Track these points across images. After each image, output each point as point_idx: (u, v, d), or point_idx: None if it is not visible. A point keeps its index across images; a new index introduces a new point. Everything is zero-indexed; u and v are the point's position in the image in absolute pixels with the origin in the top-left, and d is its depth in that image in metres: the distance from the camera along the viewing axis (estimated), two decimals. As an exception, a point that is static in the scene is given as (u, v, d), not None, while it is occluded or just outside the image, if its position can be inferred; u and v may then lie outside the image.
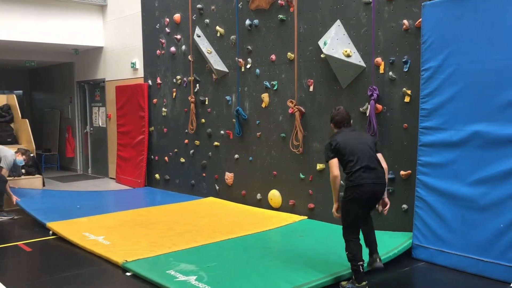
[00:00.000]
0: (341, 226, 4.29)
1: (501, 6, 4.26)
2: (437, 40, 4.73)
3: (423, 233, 4.82)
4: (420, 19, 4.93)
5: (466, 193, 4.50)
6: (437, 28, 4.72)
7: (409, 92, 5.17)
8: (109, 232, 5.81)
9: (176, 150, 8.60)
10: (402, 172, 5.28)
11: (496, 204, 4.27)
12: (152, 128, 9.19)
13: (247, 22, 6.97)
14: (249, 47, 7.02)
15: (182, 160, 8.46)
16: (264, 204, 6.97)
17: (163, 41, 8.71)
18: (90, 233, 5.78)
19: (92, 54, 11.00)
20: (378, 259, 4.21)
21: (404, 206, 5.27)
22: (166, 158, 8.87)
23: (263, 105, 6.89)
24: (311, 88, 6.23)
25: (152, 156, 9.24)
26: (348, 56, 5.59)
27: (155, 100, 9.05)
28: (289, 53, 6.44)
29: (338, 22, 5.80)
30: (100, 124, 11.22)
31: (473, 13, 4.45)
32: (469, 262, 4.43)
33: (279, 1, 6.52)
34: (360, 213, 4.14)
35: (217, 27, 7.50)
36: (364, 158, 4.09)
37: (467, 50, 4.51)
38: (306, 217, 6.34)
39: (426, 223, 4.80)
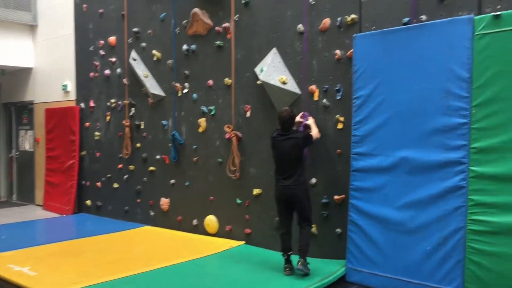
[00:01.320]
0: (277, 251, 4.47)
1: (424, 39, 4.55)
2: (368, 70, 4.96)
3: (356, 256, 4.94)
4: (352, 50, 5.17)
5: (396, 217, 4.68)
6: (368, 59, 4.96)
7: (342, 119, 5.36)
8: (35, 263, 5.48)
9: (109, 175, 8.33)
10: (335, 197, 5.42)
11: (423, 227, 4.48)
12: (84, 153, 8.86)
13: (184, 47, 6.98)
14: (186, 71, 7.01)
15: (116, 185, 8.20)
16: (200, 230, 6.88)
17: (97, 63, 8.50)
18: (15, 264, 5.42)
19: (21, 75, 10.52)
20: (299, 262, 4.87)
21: (338, 230, 5.39)
22: (98, 183, 8.56)
23: (200, 130, 6.87)
24: (248, 114, 6.30)
25: (83, 182, 8.89)
26: (284, 83, 5.72)
27: (87, 124, 8.76)
28: (226, 79, 6.49)
29: (274, 50, 5.94)
30: (27, 148, 10.67)
31: (401, 45, 4.72)
32: (399, 284, 4.59)
33: (216, 28, 6.59)
34: (283, 211, 5.09)
35: (154, 51, 7.44)
36: (282, 168, 5.00)
37: (395, 80, 4.76)
38: (243, 242, 6.31)
39: (359, 247, 4.93)
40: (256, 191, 6.20)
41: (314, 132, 5.19)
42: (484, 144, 4.17)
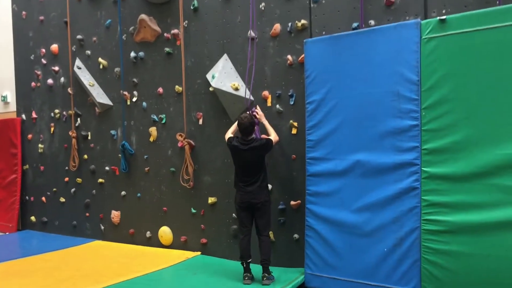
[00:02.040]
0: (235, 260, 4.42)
1: (373, 44, 4.62)
2: (320, 74, 4.97)
3: (314, 262, 4.92)
4: (303, 55, 5.17)
5: (352, 220, 4.70)
6: (319, 64, 4.98)
7: (295, 124, 5.35)
8: (-25, 287, 5.10)
9: (55, 189, 7.95)
10: (292, 202, 5.39)
11: (379, 230, 4.52)
12: (27, 166, 8.42)
13: (132, 54, 6.78)
14: (134, 79, 6.80)
15: (62, 199, 7.83)
16: (154, 242, 6.67)
17: (38, 72, 8.11)
18: (-49, 290, 5.03)
19: (-46, 86, 9.87)
20: (264, 278, 4.87)
21: (296, 235, 5.37)
22: (43, 198, 8.15)
23: (151, 139, 6.68)
24: (201, 121, 6.18)
25: (27, 197, 8.43)
26: (236, 89, 5.65)
27: (30, 136, 8.33)
28: (177, 86, 6.35)
29: (225, 56, 5.87)
30: (-36, 164, 10.00)
31: (351, 50, 4.76)
32: (358, 287, 4.60)
33: (165, 34, 6.44)
34: (244, 218, 5.02)
35: (100, 59, 7.18)
36: (244, 175, 5.00)
37: (346, 84, 4.80)
38: (199, 252, 6.17)
39: (317, 252, 4.91)
40: (211, 199, 6.08)
41: (273, 136, 5.15)
42: (434, 145, 4.26)
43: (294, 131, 5.38)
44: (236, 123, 5.11)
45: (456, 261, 4.13)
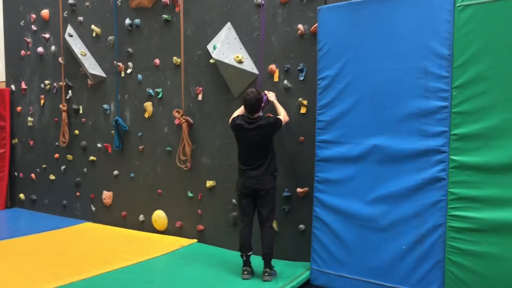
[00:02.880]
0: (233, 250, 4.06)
1: (400, 12, 4.02)
2: (334, 47, 4.39)
3: (322, 257, 4.41)
4: (316, 24, 4.58)
5: (366, 212, 4.17)
6: (334, 34, 4.39)
7: (305, 102, 4.79)
8: None
9: (44, 166, 7.45)
10: (298, 190, 4.86)
11: (397, 224, 3.99)
12: (16, 141, 7.91)
13: (127, 21, 6.18)
14: (129, 49, 6.22)
15: (52, 177, 7.34)
16: (147, 227, 6.18)
17: (28, 40, 7.53)
18: None
19: None
20: (265, 274, 4.36)
21: (301, 226, 4.85)
22: (32, 175, 7.66)
23: (146, 115, 6.13)
24: (200, 97, 5.62)
25: (16, 173, 7.95)
26: (240, 62, 5.07)
27: (19, 108, 7.80)
28: (175, 58, 5.77)
29: (228, 24, 5.28)
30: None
31: (372, 19, 4.16)
32: (370, 287, 4.10)
33: (163, 0, 5.84)
34: (246, 206, 4.51)
35: (93, 26, 6.59)
36: (249, 157, 4.47)
37: (365, 58, 4.21)
38: (195, 240, 5.68)
39: (325, 245, 4.40)
40: (209, 183, 5.56)
41: (282, 115, 4.59)
42: (466, 130, 3.69)
43: (303, 110, 4.82)
44: (243, 102, 4.53)
45: (485, 264, 3.59)
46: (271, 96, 4.81)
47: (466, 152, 3.68)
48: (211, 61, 5.29)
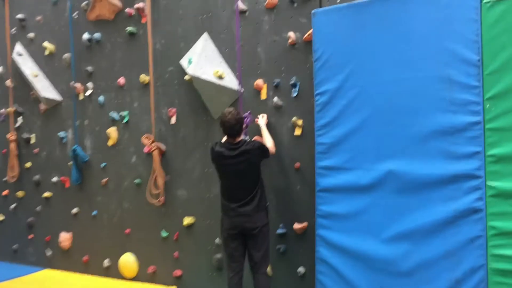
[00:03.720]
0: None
1: (413, 12, 3.40)
2: (334, 56, 3.73)
3: (330, 308, 3.66)
4: (310, 31, 3.92)
5: (383, 253, 3.46)
6: (333, 41, 3.73)
7: (300, 122, 4.08)
8: None
9: (-9, 205, 6.43)
10: (296, 226, 4.10)
11: (424, 267, 3.29)
12: (-42, 177, 6.86)
13: (85, 36, 5.36)
14: (89, 68, 5.40)
15: (0, 217, 6.32)
16: (114, 273, 5.27)
17: (-29, 61, 6.59)
18: None
19: None
20: None
21: (301, 269, 4.09)
22: (-23, 216, 6.62)
23: (110, 142, 5.29)
24: (173, 120, 4.84)
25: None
26: (220, 78, 4.34)
27: (-39, 139, 6.78)
28: (142, 76, 4.99)
29: (205, 35, 4.55)
30: None
31: (379, 22, 3.53)
32: None
33: (126, 10, 5.07)
34: (235, 250, 3.76)
35: (45, 43, 5.73)
36: (235, 192, 3.75)
37: (373, 68, 3.56)
38: (173, 287, 4.82)
39: (333, 294, 3.66)
40: (187, 220, 4.74)
41: (270, 145, 3.87)
42: (505, 150, 3.06)
43: (298, 131, 4.10)
44: (220, 124, 3.79)
45: (538, 314, 2.93)
46: (261, 120, 4.08)
47: (507, 177, 3.03)
48: (186, 77, 4.52)
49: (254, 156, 3.69)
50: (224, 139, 3.91)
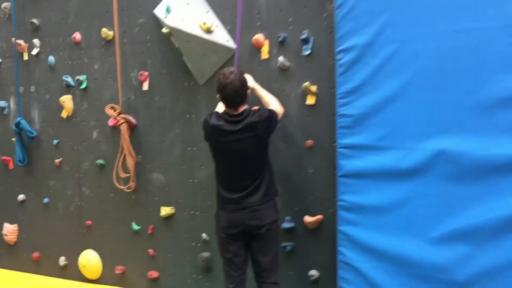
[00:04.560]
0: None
1: None
2: (364, 0, 2.85)
3: (357, 324, 2.88)
4: (330, -31, 3.02)
5: (431, 257, 2.67)
6: (363, -18, 2.85)
7: (313, 88, 3.21)
8: None
9: None
10: (307, 219, 3.27)
11: (489, 276, 2.53)
12: None
13: (30, -22, 4.26)
14: (35, 20, 4.30)
15: None
16: (72, 273, 4.33)
17: None
18: None
19: None
20: None
21: (313, 273, 3.28)
22: None
23: (64, 114, 4.26)
24: (146, 86, 3.86)
25: None
26: (208, 31, 3.39)
27: None
28: (104, 30, 3.97)
29: (187, -24, 3.56)
30: None
31: (430, -46, 2.67)
32: None
33: None
34: (235, 254, 2.88)
35: (-22, -11, 4.56)
36: (236, 177, 2.85)
37: (418, 17, 2.71)
38: (145, 293, 3.94)
39: (360, 306, 2.87)
40: (165, 210, 3.83)
41: (274, 104, 3.01)
42: None
43: (310, 100, 3.23)
44: (218, 89, 2.86)
45: None
46: (249, 80, 3.17)
47: None
48: (164, 30, 3.52)
49: (263, 130, 2.81)
50: (220, 108, 3.00)
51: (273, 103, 2.99)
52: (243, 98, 2.81)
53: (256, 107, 3.02)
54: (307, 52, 3.21)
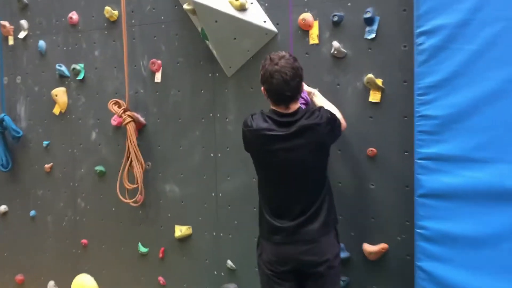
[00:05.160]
0: None
1: None
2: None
3: None
4: None
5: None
6: None
7: (379, 82, 2.52)
8: None
9: None
10: (367, 248, 2.59)
11: None
12: None
13: None
14: (23, -3, 3.59)
15: None
16: (64, 302, 3.61)
17: None
18: None
19: None
20: None
21: (375, 318, 2.60)
22: None
23: (57, 110, 3.54)
24: (158, 77, 3.16)
25: None
26: (242, 8, 2.70)
27: None
28: (107, 8, 3.26)
29: None
30: None
31: None
32: None
33: None
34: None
35: (-45, -41, 3.82)
36: (287, 197, 2.16)
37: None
38: (154, 329, 3.24)
39: None
40: (180, 230, 3.13)
41: (338, 115, 2.33)
42: None
43: (374, 96, 2.55)
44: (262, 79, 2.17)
45: None
46: (307, 87, 2.48)
47: None
48: (186, 7, 2.82)
49: (325, 135, 2.13)
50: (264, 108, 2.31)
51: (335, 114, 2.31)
52: (295, 92, 2.12)
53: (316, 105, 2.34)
54: (371, 36, 2.53)
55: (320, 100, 2.45)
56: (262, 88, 2.16)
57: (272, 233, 2.18)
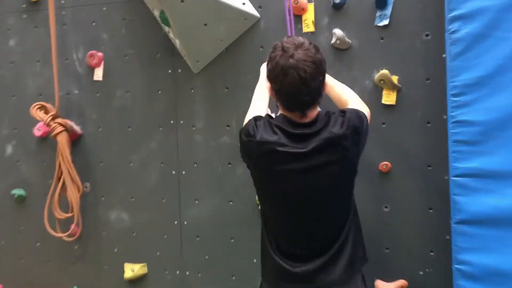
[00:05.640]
0: None
1: None
2: None
3: None
4: None
5: None
6: None
7: (394, 79, 2.03)
8: None
9: None
10: (380, 285, 2.08)
11: None
12: None
13: None
14: None
15: None
16: None
17: None
18: None
19: None
20: None
21: None
22: None
23: (-43, 117, 2.70)
24: (99, 74, 2.46)
25: None
26: (217, -15, 2.10)
27: None
28: (29, -16, 2.51)
29: None
30: None
31: None
32: None
33: None
34: None
35: None
36: (301, 230, 1.61)
37: None
38: None
39: None
40: (132, 269, 2.44)
41: (356, 102, 1.75)
42: None
43: (388, 97, 2.06)
44: (262, 75, 1.61)
45: None
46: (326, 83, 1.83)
47: None
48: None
49: (353, 150, 1.58)
50: (256, 111, 1.71)
51: (353, 101, 1.76)
52: (316, 96, 1.55)
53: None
54: (384, 22, 2.04)
55: (335, 91, 1.84)
56: (268, 86, 1.58)
57: (281, 279, 1.61)
